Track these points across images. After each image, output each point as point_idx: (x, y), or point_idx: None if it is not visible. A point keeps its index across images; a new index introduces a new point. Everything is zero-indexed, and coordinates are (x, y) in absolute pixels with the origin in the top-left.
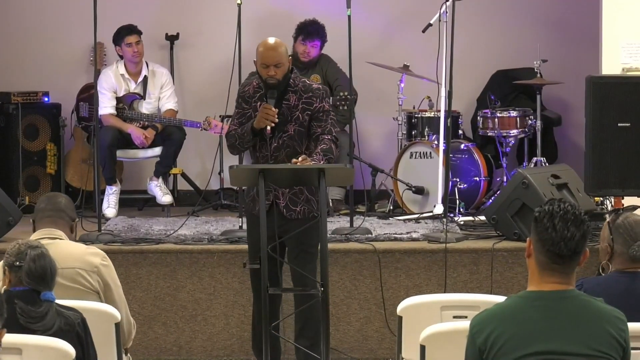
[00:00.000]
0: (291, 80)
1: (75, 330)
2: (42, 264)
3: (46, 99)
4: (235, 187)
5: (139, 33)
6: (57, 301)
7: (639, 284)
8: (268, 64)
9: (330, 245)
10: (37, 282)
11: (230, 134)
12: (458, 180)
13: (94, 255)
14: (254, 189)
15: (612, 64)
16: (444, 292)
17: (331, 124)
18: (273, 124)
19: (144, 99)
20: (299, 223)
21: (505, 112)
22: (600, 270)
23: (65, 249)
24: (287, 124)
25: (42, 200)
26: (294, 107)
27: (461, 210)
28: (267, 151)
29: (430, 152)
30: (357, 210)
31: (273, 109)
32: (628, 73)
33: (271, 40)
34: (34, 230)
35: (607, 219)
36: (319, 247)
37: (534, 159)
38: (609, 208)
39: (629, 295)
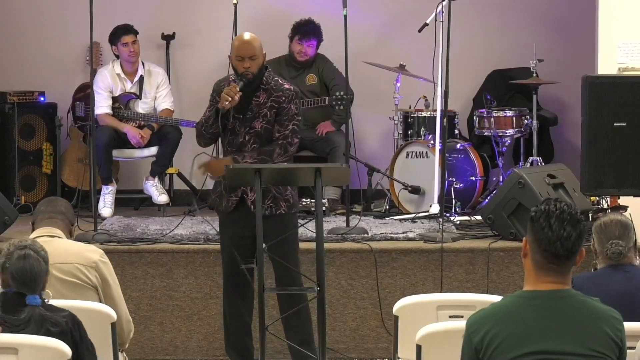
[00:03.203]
0: (264, 78)
1: (65, 330)
2: (22, 266)
3: (42, 98)
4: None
5: (135, 33)
6: (51, 301)
7: (622, 275)
8: (243, 57)
9: (326, 245)
10: (20, 284)
11: (198, 123)
12: (454, 179)
13: (92, 251)
14: (221, 184)
15: (608, 64)
16: (440, 292)
17: (292, 130)
18: (230, 99)
19: (140, 99)
20: (266, 220)
21: (501, 112)
22: (592, 269)
23: (63, 246)
24: (255, 120)
25: (42, 203)
26: (262, 104)
27: (457, 210)
28: (233, 147)
29: (427, 152)
30: (354, 209)
31: (237, 88)
32: (624, 73)
33: (246, 34)
34: (33, 232)
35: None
36: (297, 244)
37: (530, 158)
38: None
39: (614, 285)
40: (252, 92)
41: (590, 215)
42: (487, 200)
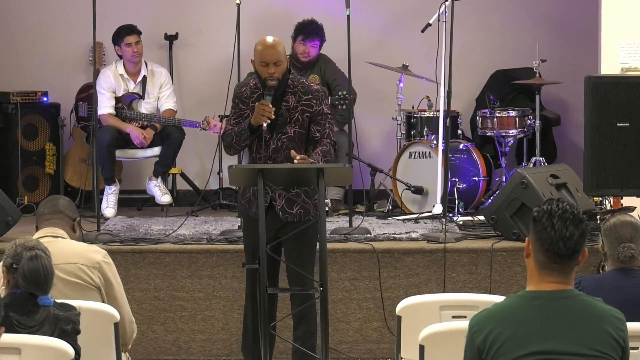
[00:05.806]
0: (290, 81)
1: (75, 327)
2: (35, 267)
3: (45, 98)
4: (234, 187)
5: (139, 33)
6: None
7: (631, 281)
8: (267, 62)
9: (329, 245)
10: (32, 286)
11: (226, 133)
12: (457, 180)
13: (95, 252)
14: (250, 190)
15: (611, 64)
16: (443, 292)
17: (329, 127)
18: (269, 121)
19: (143, 99)
20: (295, 227)
21: (504, 112)
22: (600, 270)
23: (66, 246)
24: (287, 125)
25: (41, 205)
26: (293, 108)
27: (460, 210)
28: (265, 152)
29: (430, 152)
30: (356, 210)
31: (270, 105)
32: (627, 73)
33: (269, 38)
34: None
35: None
36: (316, 249)
37: (533, 158)
38: (608, 208)
39: (622, 290)
40: (279, 97)
41: (597, 216)
42: (490, 200)
